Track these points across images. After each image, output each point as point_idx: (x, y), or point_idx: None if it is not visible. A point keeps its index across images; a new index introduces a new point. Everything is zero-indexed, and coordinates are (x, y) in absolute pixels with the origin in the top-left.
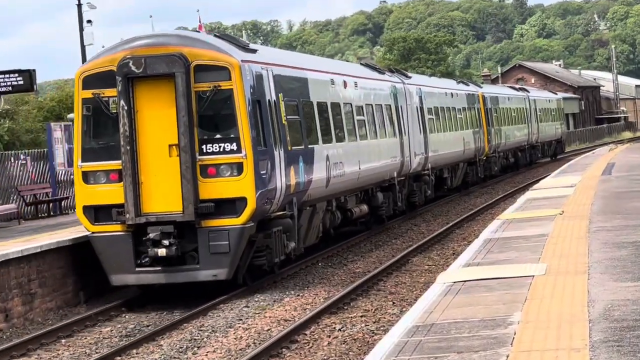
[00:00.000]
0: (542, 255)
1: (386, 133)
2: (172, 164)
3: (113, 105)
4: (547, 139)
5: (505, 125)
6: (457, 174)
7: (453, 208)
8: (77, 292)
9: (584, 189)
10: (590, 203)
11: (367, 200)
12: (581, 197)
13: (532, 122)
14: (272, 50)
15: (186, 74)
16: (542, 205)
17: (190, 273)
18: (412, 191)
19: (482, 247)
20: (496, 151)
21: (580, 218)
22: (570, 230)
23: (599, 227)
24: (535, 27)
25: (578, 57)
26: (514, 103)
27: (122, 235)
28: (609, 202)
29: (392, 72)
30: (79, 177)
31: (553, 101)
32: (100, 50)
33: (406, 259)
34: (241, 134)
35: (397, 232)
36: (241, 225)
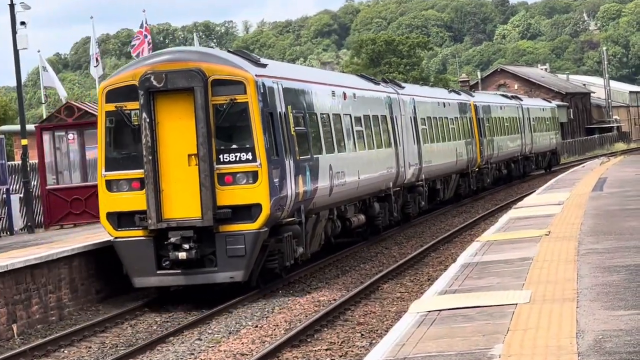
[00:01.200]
0: (526, 281)
1: (382, 143)
2: (191, 172)
3: (135, 118)
4: (542, 150)
5: (498, 135)
6: (449, 186)
7: (428, 229)
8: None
9: (572, 207)
10: (579, 223)
11: (365, 210)
12: (569, 216)
13: (526, 132)
14: (280, 64)
15: (204, 88)
16: (526, 225)
17: (209, 275)
18: (406, 202)
19: (460, 272)
20: (488, 162)
21: (568, 239)
22: (557, 253)
23: (589, 249)
24: (519, 28)
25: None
26: (507, 112)
27: (144, 240)
28: (600, 222)
29: (386, 82)
30: (103, 185)
31: (547, 110)
32: (122, 66)
33: (376, 286)
34: (256, 144)
35: (365, 256)
36: (256, 230)
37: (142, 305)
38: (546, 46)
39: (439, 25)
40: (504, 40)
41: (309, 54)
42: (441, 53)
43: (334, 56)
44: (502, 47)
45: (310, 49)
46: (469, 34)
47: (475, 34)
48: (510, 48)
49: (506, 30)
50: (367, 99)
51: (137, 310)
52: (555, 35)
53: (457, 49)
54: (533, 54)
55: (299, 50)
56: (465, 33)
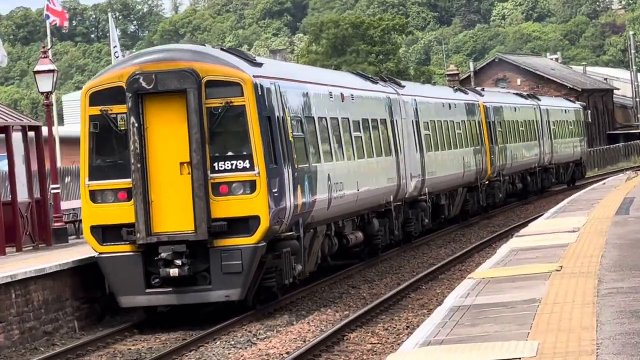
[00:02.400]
0: (531, 330)
1: (382, 151)
2: (183, 182)
3: (121, 122)
4: (564, 160)
5: (511, 142)
6: (455, 202)
7: (407, 262)
8: None
9: (590, 235)
10: (599, 255)
11: (362, 227)
12: (587, 246)
13: (545, 138)
14: (274, 62)
15: (198, 90)
16: (531, 258)
17: (202, 294)
18: (407, 219)
19: (448, 317)
20: (500, 174)
21: (585, 276)
22: (571, 294)
23: (612, 288)
24: (522, 7)
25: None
26: (522, 114)
27: (131, 255)
28: (626, 253)
29: (384, 81)
30: (86, 196)
31: (570, 111)
32: (108, 66)
33: (341, 335)
34: (254, 151)
35: (326, 297)
36: (254, 244)
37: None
38: (557, 30)
39: (420, 4)
40: (503, 22)
41: (255, 40)
42: (423, 39)
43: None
44: (501, 31)
45: (256, 33)
46: (459, 14)
47: (467, 14)
48: (511, 33)
49: (506, 9)
50: (365, 101)
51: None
52: (569, 17)
53: (444, 34)
54: (540, 40)
55: (242, 34)
56: (454, 13)
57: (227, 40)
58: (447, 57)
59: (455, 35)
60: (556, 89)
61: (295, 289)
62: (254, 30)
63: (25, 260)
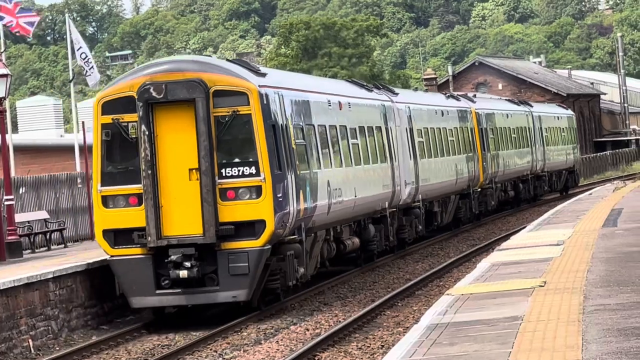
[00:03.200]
0: (514, 349)
1: (378, 158)
2: (192, 187)
3: (132, 130)
4: (556, 168)
5: (504, 149)
6: (448, 209)
7: (382, 278)
8: None
9: (576, 249)
10: (585, 269)
11: (359, 232)
12: (572, 260)
13: (537, 145)
14: (277, 72)
15: (206, 99)
16: (513, 273)
17: (210, 295)
18: (401, 226)
19: (425, 336)
20: (492, 181)
21: (570, 292)
22: (555, 311)
23: (599, 305)
24: (504, 7)
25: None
26: (514, 121)
27: (142, 258)
28: (614, 268)
29: (378, 88)
30: (99, 201)
31: (563, 118)
32: (119, 77)
33: (312, 354)
34: (260, 157)
35: (297, 314)
36: (260, 247)
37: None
38: (541, 32)
39: (395, 4)
40: (483, 23)
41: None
42: (399, 41)
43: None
44: (481, 33)
45: (222, 36)
46: (437, 15)
47: (445, 15)
48: (492, 34)
49: (487, 10)
50: (361, 109)
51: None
52: (553, 18)
53: (421, 36)
54: (523, 43)
55: (208, 36)
56: (432, 14)
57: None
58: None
59: (432, 38)
60: (540, 94)
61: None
62: (220, 32)
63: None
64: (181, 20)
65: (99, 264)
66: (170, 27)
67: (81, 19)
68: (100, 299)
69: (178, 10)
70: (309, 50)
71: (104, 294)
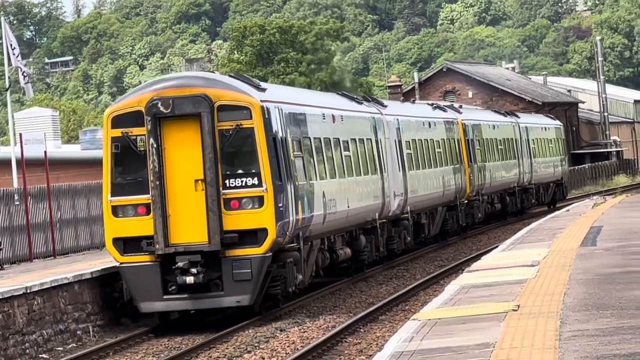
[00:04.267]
0: None
1: (369, 170)
2: (198, 197)
3: (141, 143)
4: (544, 181)
5: (490, 160)
6: (435, 220)
7: (343, 301)
8: None
9: (552, 270)
10: (562, 292)
11: (350, 243)
12: (548, 282)
13: (524, 157)
14: (276, 87)
15: (211, 114)
16: (484, 296)
17: (215, 300)
18: (390, 237)
19: None
20: (479, 193)
21: (545, 317)
22: (530, 337)
23: (576, 330)
24: (474, 8)
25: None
26: (501, 132)
27: (150, 265)
28: (593, 291)
29: (368, 101)
30: (109, 211)
31: (551, 129)
32: (127, 92)
33: None
34: (262, 169)
35: (250, 342)
36: (262, 254)
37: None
38: (514, 35)
39: (357, 5)
40: (452, 26)
41: (169, 47)
42: (362, 46)
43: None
44: (449, 36)
45: (170, 40)
46: (402, 17)
47: (411, 17)
48: (461, 38)
49: (455, 12)
50: (353, 121)
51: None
52: (528, 20)
53: (385, 40)
54: (495, 47)
55: (155, 41)
56: (396, 16)
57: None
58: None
59: (397, 42)
60: (513, 102)
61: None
62: (168, 36)
63: None
64: (126, 23)
65: (39, 287)
66: (115, 30)
67: (18, 22)
68: (40, 326)
69: (122, 12)
70: (263, 55)
71: (44, 322)
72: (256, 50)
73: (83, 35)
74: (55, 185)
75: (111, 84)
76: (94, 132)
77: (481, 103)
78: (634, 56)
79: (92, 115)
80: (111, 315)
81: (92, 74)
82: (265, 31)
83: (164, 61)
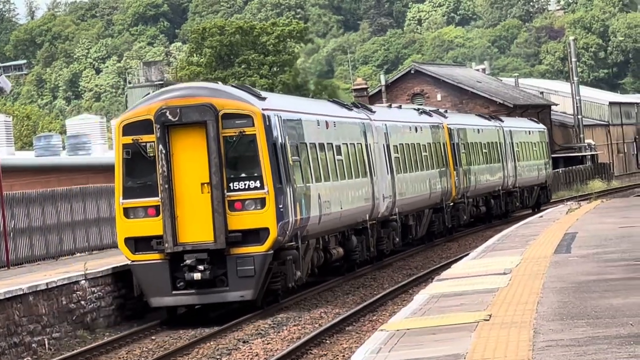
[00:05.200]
0: None
1: (359, 173)
2: (204, 199)
3: (150, 149)
4: (528, 184)
5: (475, 164)
6: (422, 222)
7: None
8: None
9: (525, 278)
10: (535, 301)
11: (343, 243)
12: (521, 291)
13: (508, 161)
14: (275, 95)
15: (216, 122)
16: (455, 305)
17: (221, 294)
18: (379, 238)
19: None
20: (465, 196)
21: (518, 326)
22: (502, 348)
23: (551, 340)
24: (443, 8)
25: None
26: (485, 136)
27: (160, 262)
28: (568, 300)
29: (357, 107)
30: (120, 213)
31: (535, 133)
32: (138, 101)
33: None
34: (264, 173)
35: (211, 354)
36: (264, 252)
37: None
38: (484, 36)
39: (321, 6)
40: (420, 27)
41: (126, 50)
42: (326, 47)
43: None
44: (417, 37)
45: (128, 42)
46: (367, 17)
47: (377, 17)
48: (429, 39)
49: (423, 12)
50: (345, 127)
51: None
52: (498, 20)
53: (350, 41)
54: (465, 48)
55: (112, 43)
56: (362, 17)
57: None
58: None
59: (363, 43)
60: (483, 105)
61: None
62: (126, 38)
63: None
64: (81, 25)
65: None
66: (70, 33)
67: None
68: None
69: (78, 14)
70: (224, 57)
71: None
72: (216, 52)
73: (37, 38)
74: (9, 193)
75: (66, 88)
76: (49, 138)
77: (450, 106)
78: (608, 57)
79: (47, 121)
80: (67, 328)
81: (47, 78)
82: (225, 33)
83: (121, 64)
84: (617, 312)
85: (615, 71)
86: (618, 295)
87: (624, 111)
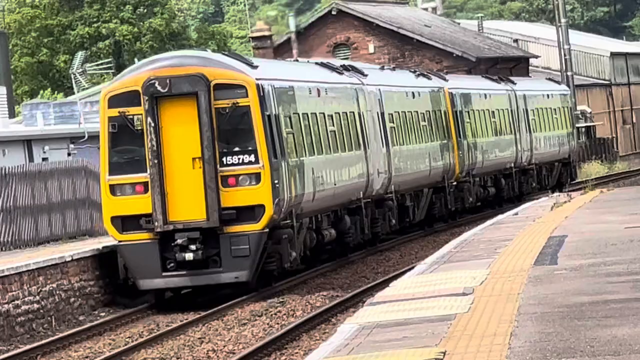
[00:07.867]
0: None
1: (353, 146)
2: (196, 175)
3: (138, 123)
4: (547, 160)
5: (482, 136)
6: (420, 203)
7: None
8: None
9: (492, 300)
10: (507, 332)
11: (335, 223)
12: (487, 318)
13: (522, 132)
14: (266, 62)
15: (208, 93)
16: (395, 339)
17: (214, 276)
18: (374, 219)
19: None
20: (470, 174)
21: None
22: None
23: None
24: None
25: None
26: (494, 102)
27: (149, 242)
28: (552, 330)
29: (348, 70)
30: (107, 190)
31: (555, 96)
32: (123, 72)
33: None
34: (258, 146)
35: None
36: (260, 230)
37: None
38: None
39: None
40: None
41: None
42: None
43: None
44: None
45: None
46: None
47: None
48: None
49: None
50: (337, 94)
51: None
52: None
53: None
54: None
55: None
56: None
57: None
58: (253, 8)
59: None
60: (434, 59)
61: None
62: None
63: None
64: None
65: None
66: None
67: None
68: None
69: None
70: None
71: None
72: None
73: None
74: None
75: None
76: None
77: (388, 60)
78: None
79: None
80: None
81: None
82: None
83: None
84: (622, 346)
85: (619, 9)
86: (623, 322)
87: (632, 65)
